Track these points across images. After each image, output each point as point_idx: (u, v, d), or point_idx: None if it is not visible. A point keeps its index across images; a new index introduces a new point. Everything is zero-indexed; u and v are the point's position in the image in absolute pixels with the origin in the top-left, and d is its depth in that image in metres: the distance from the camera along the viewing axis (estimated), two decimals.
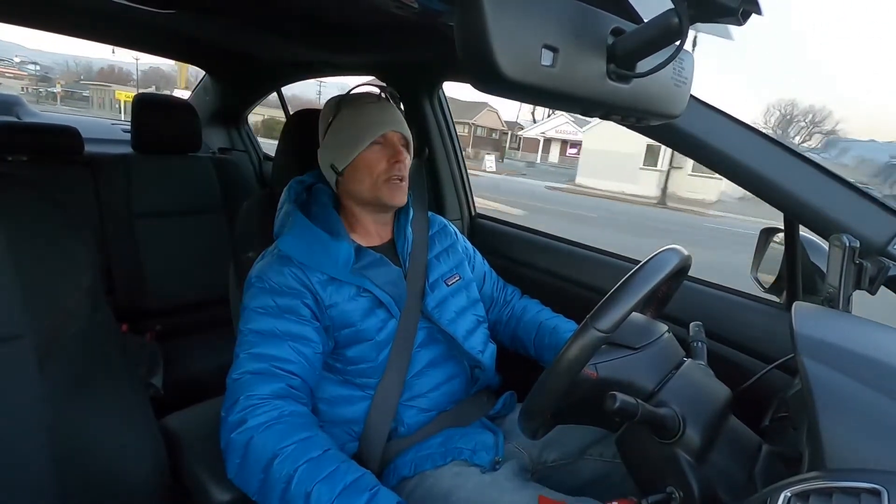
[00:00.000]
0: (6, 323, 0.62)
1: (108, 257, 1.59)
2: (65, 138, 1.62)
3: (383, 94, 0.96)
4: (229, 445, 0.73)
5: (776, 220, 0.91)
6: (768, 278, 0.99)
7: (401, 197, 0.92)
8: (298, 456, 0.69)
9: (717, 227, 11.97)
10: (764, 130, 0.82)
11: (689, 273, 0.80)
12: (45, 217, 0.69)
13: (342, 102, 0.93)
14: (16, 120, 2.45)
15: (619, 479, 0.87)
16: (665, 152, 17.61)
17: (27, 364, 0.63)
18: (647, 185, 18.35)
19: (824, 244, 0.77)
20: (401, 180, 0.91)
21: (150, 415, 0.78)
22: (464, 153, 1.64)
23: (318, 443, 0.72)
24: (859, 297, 0.71)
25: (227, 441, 0.74)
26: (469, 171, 1.66)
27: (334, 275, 0.86)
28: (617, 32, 0.46)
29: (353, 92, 0.96)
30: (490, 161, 23.55)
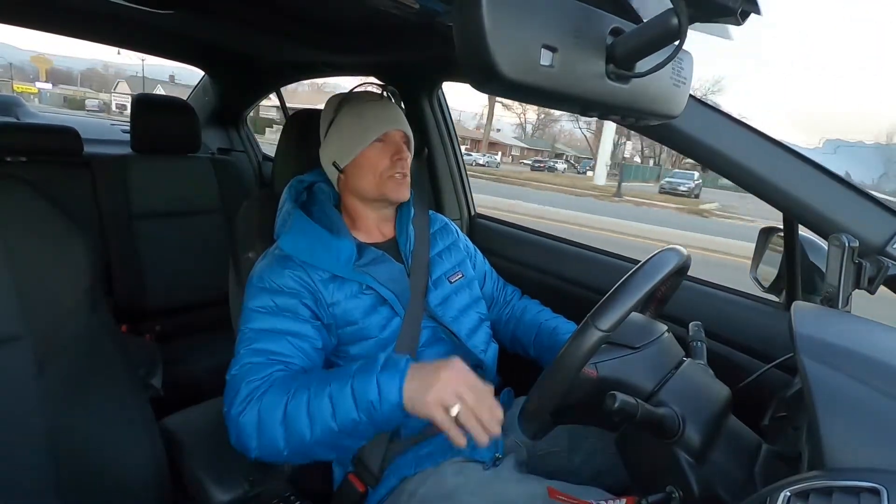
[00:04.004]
0: (5, 324, 0.62)
1: (108, 258, 1.59)
2: (64, 139, 1.62)
3: (385, 94, 0.97)
4: (241, 430, 0.71)
5: None
6: (768, 278, 0.99)
7: (404, 192, 0.93)
8: (306, 384, 0.72)
9: None
10: None
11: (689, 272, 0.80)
12: (44, 218, 0.69)
13: (344, 101, 0.94)
14: (15, 121, 2.45)
15: (608, 465, 0.91)
16: None
17: (26, 365, 0.63)
18: None
19: (823, 244, 0.77)
20: (403, 176, 0.92)
21: (149, 415, 0.78)
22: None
23: (318, 372, 0.76)
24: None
25: (237, 429, 0.72)
26: None
27: (336, 272, 0.86)
28: (616, 32, 0.46)
29: (354, 91, 0.97)
30: None
